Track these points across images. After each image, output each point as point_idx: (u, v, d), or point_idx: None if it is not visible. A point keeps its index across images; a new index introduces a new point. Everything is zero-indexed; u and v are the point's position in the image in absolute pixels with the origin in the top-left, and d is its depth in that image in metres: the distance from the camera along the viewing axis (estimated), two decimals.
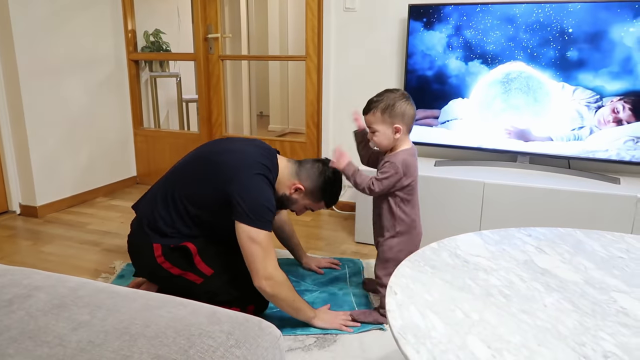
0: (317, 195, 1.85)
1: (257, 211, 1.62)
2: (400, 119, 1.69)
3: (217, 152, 1.79)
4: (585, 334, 0.92)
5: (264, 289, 1.61)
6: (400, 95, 1.70)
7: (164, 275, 1.75)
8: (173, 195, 1.75)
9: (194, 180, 1.74)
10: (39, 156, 2.94)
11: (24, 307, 1.01)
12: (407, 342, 0.89)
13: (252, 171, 1.68)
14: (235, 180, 1.65)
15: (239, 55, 4.36)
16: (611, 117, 2.27)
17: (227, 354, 0.89)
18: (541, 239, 1.40)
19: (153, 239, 1.73)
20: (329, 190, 1.86)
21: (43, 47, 2.90)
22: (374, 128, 1.72)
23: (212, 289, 1.73)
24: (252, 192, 1.64)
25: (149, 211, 1.78)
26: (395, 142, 1.74)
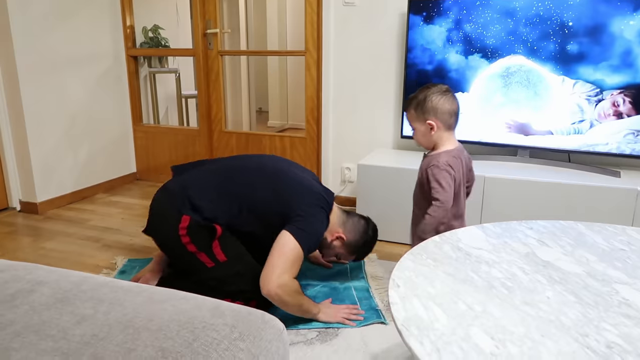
0: (353, 249, 1.94)
1: (309, 235, 1.70)
2: (432, 114, 1.63)
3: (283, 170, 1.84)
4: (588, 325, 0.93)
5: (273, 296, 1.62)
6: (437, 89, 1.64)
7: (178, 248, 1.73)
8: (233, 195, 1.76)
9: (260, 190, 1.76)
10: (38, 152, 2.94)
11: (27, 301, 1.01)
12: (410, 334, 0.90)
13: (318, 202, 1.77)
14: (303, 202, 1.73)
15: (238, 50, 4.34)
16: (611, 111, 2.27)
17: (231, 347, 0.90)
18: (543, 232, 1.40)
19: (186, 211, 1.72)
20: (365, 248, 1.97)
21: (42, 43, 2.89)
22: (412, 126, 1.69)
23: (221, 276, 1.73)
24: (313, 219, 1.73)
25: (200, 188, 1.77)
26: (434, 140, 1.68)
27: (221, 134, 3.41)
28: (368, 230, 1.94)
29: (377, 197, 2.51)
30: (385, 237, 2.53)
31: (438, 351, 0.84)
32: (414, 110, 1.66)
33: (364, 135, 2.98)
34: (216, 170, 1.85)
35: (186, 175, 1.87)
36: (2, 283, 1.09)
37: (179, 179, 1.86)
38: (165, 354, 0.85)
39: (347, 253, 1.95)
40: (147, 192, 3.39)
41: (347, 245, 1.92)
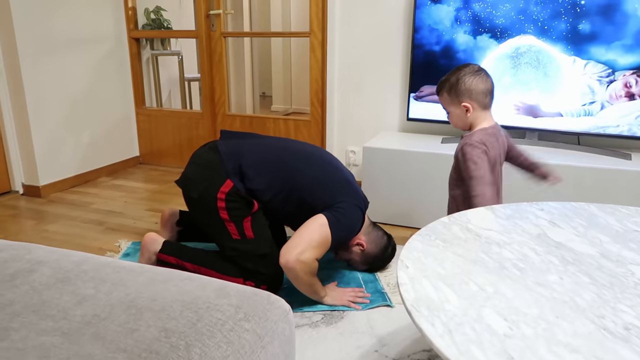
0: (368, 260, 1.93)
1: (344, 226, 1.71)
2: (467, 96, 1.60)
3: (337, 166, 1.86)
4: (604, 306, 0.90)
5: (290, 268, 1.60)
6: (469, 70, 1.60)
7: (209, 209, 1.70)
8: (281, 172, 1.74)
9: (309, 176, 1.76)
10: (41, 136, 2.91)
11: (27, 281, 0.99)
12: (420, 314, 0.87)
13: (360, 205, 1.79)
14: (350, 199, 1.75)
15: (241, 32, 4.28)
16: (623, 92, 2.22)
17: (236, 327, 0.87)
18: (554, 213, 1.37)
19: (232, 177, 1.69)
20: (379, 263, 1.97)
21: (42, 25, 2.84)
22: (447, 109, 1.66)
23: (243, 250, 1.71)
24: (352, 216, 1.74)
25: (255, 161, 1.74)
26: (470, 121, 1.64)
27: (225, 117, 3.37)
28: (388, 247, 1.95)
29: (383, 180, 2.48)
30: (391, 220, 2.51)
31: (450, 332, 0.82)
32: (447, 93, 1.63)
33: (369, 117, 2.93)
34: (269, 147, 1.82)
35: (238, 143, 1.81)
36: (2, 262, 1.06)
37: (230, 143, 1.80)
38: (169, 334, 0.82)
39: (361, 262, 1.94)
40: (150, 176, 3.37)
41: (364, 255, 1.91)
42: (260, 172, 1.72)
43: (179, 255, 1.79)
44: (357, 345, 1.53)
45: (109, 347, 0.79)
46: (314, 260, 1.64)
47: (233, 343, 0.84)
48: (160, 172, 3.46)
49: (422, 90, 2.57)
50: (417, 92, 2.58)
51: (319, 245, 1.64)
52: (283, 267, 1.61)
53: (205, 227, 1.82)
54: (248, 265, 1.70)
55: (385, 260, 1.98)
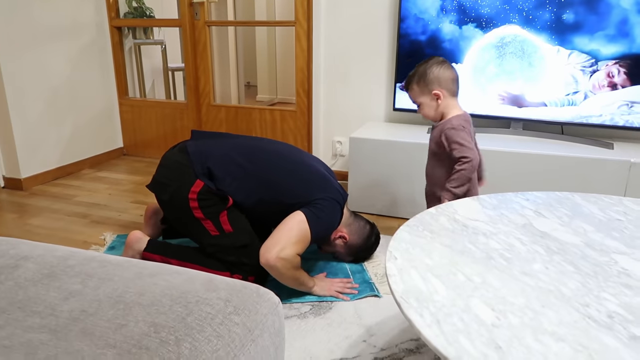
0: (353, 251, 1.94)
1: (322, 222, 1.71)
2: (436, 84, 1.65)
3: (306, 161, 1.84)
4: (588, 295, 0.91)
5: (271, 266, 1.60)
6: (433, 61, 1.67)
7: (183, 211, 1.69)
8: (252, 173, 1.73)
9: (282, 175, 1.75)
10: (21, 127, 2.85)
11: (12, 277, 0.98)
12: (410, 305, 0.88)
13: (337, 199, 1.77)
14: (326, 194, 1.74)
15: (225, 21, 4.22)
16: (606, 82, 2.25)
17: (226, 321, 0.87)
18: (539, 203, 1.39)
19: (202, 177, 1.68)
20: (364, 253, 1.98)
21: (21, 14, 2.77)
22: (417, 102, 1.70)
23: (224, 245, 1.70)
24: (329, 212, 1.74)
25: (222, 161, 1.72)
26: (442, 110, 1.69)
27: (210, 107, 3.33)
28: (371, 236, 1.95)
29: (369, 171, 2.48)
30: (378, 210, 2.52)
31: (438, 323, 0.83)
32: (416, 85, 1.68)
33: (356, 108, 2.93)
34: (239, 147, 1.80)
35: (207, 143, 1.80)
36: None
37: (200, 144, 1.78)
38: (158, 329, 0.82)
39: (345, 253, 1.94)
40: (134, 168, 3.33)
41: (348, 246, 1.91)
42: (230, 174, 1.71)
43: (163, 252, 1.78)
44: (346, 336, 1.55)
45: (97, 343, 0.79)
46: (296, 256, 1.64)
47: (223, 337, 0.84)
48: (145, 164, 3.42)
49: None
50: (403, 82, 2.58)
51: (299, 242, 1.64)
52: (264, 266, 1.61)
53: (182, 228, 1.81)
54: (231, 259, 1.70)
55: (370, 249, 1.99)
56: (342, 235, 1.88)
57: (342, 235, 1.88)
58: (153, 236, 1.98)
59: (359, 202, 2.55)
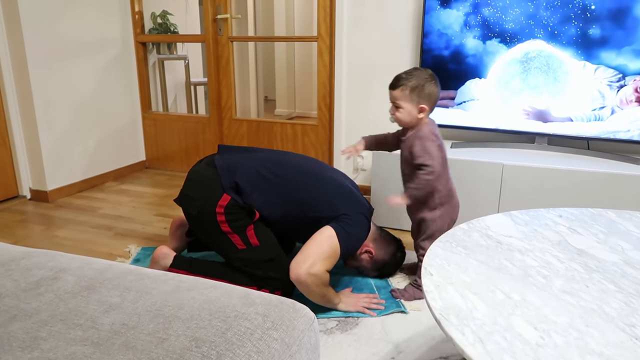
0: (378, 266, 1.93)
1: (351, 237, 1.70)
2: (427, 99, 1.72)
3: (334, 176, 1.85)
4: (633, 314, 0.89)
5: (301, 282, 1.60)
6: (430, 76, 1.73)
7: (210, 225, 1.70)
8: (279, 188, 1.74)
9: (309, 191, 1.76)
10: (48, 140, 2.91)
11: (52, 289, 0.99)
12: (450, 323, 0.87)
13: (365, 213, 1.79)
14: (353, 208, 1.75)
15: (248, 36, 4.28)
16: (634, 97, 2.22)
17: (265, 336, 0.87)
18: (572, 220, 1.37)
19: (229, 191, 1.69)
20: (389, 269, 1.97)
21: (50, 30, 2.84)
22: (399, 104, 1.74)
23: (251, 259, 1.70)
24: (358, 226, 1.74)
25: (249, 176, 1.73)
26: (417, 121, 1.77)
27: (231, 121, 3.37)
28: (397, 252, 1.94)
29: (392, 185, 2.47)
30: (400, 225, 2.50)
31: (481, 341, 0.81)
32: (409, 92, 1.71)
33: (377, 122, 2.93)
34: (265, 161, 1.81)
35: (234, 157, 1.81)
36: (25, 270, 1.06)
37: (227, 158, 1.80)
38: (199, 344, 0.82)
39: (371, 268, 1.93)
40: (156, 181, 3.37)
41: (373, 262, 1.91)
42: (257, 188, 1.72)
43: (189, 268, 1.78)
44: (373, 352, 1.53)
45: (140, 357, 0.79)
46: (325, 272, 1.63)
47: (263, 352, 0.84)
48: (167, 177, 3.46)
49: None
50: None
51: (329, 257, 1.64)
52: (294, 282, 1.61)
53: (209, 242, 1.82)
54: (259, 273, 1.70)
55: (396, 265, 1.98)
56: (368, 250, 1.87)
57: (369, 250, 1.87)
58: (178, 249, 2.00)
59: (382, 216, 2.54)
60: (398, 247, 1.95)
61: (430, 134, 1.75)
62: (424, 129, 1.76)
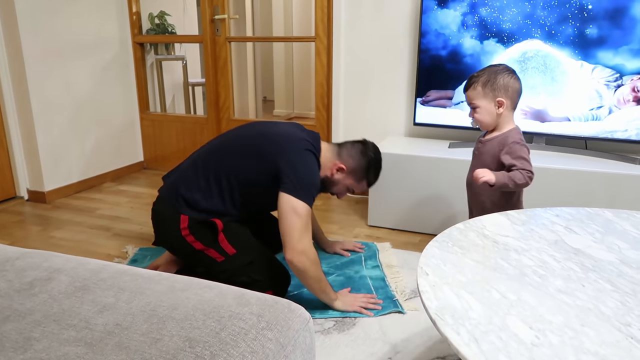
0: (360, 174, 1.85)
1: (304, 184, 1.63)
2: (503, 92, 1.59)
3: (262, 130, 1.78)
4: (629, 314, 0.89)
5: (295, 263, 1.58)
6: (503, 68, 1.61)
7: (186, 249, 1.72)
8: (217, 173, 1.72)
9: (242, 157, 1.72)
10: (45, 141, 2.90)
11: (45, 290, 0.98)
12: (445, 323, 0.86)
13: (302, 146, 1.69)
14: (286, 152, 1.66)
15: (246, 37, 4.28)
16: (631, 96, 2.22)
17: (259, 337, 0.86)
18: (569, 219, 1.36)
19: (182, 210, 1.70)
20: (372, 168, 1.86)
21: (48, 30, 2.84)
22: (475, 104, 1.62)
23: (232, 268, 1.70)
24: (301, 166, 1.66)
25: (187, 182, 1.74)
26: (498, 119, 1.63)
27: (230, 122, 3.36)
28: (367, 151, 1.84)
29: (390, 185, 2.47)
30: (398, 225, 2.50)
31: (476, 341, 0.81)
32: (481, 87, 1.60)
33: (376, 122, 2.93)
34: (197, 156, 1.80)
35: (172, 176, 1.83)
36: (19, 271, 1.06)
37: (168, 182, 1.82)
38: (193, 344, 0.82)
39: (355, 181, 1.86)
40: (154, 181, 3.36)
41: (351, 173, 1.83)
42: (198, 188, 1.71)
43: None
44: (371, 352, 1.53)
45: (133, 357, 0.78)
46: (311, 246, 1.62)
47: (257, 353, 0.84)
48: None
49: (429, 95, 2.57)
50: (424, 97, 2.58)
51: (305, 224, 1.60)
52: (291, 265, 1.59)
53: (194, 266, 1.83)
54: (243, 279, 1.68)
55: (375, 162, 1.87)
56: (339, 168, 1.81)
57: (339, 167, 1.81)
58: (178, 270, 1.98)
59: (380, 216, 2.54)
60: (363, 144, 1.86)
61: (522, 140, 1.59)
62: (515, 134, 1.61)
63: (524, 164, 1.58)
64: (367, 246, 2.27)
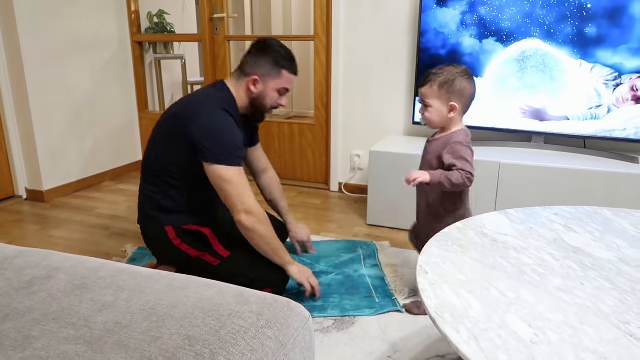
0: (274, 70, 1.71)
1: (223, 148, 1.58)
2: (458, 96, 1.57)
3: (172, 111, 1.72)
4: (628, 312, 0.89)
5: (243, 222, 1.59)
6: (463, 71, 1.58)
7: (183, 258, 1.72)
8: (154, 168, 1.71)
9: (164, 145, 1.69)
10: (44, 140, 2.90)
11: (44, 288, 0.98)
12: (445, 321, 0.86)
13: (208, 108, 1.62)
14: (193, 121, 1.59)
15: (245, 35, 4.28)
16: (630, 95, 2.22)
17: (259, 335, 0.86)
18: (568, 218, 1.36)
19: (163, 221, 1.71)
20: (279, 56, 1.72)
21: (46, 29, 2.84)
22: (428, 102, 1.59)
23: (228, 270, 1.69)
24: (214, 129, 1.59)
25: (145, 192, 1.76)
26: (448, 122, 1.61)
27: None
28: (264, 47, 1.71)
29: (389, 184, 2.47)
30: (397, 224, 2.50)
31: (476, 339, 0.81)
32: (438, 87, 1.56)
33: (375, 121, 2.93)
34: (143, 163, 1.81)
35: None
36: (18, 269, 1.05)
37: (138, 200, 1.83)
38: (192, 342, 0.82)
39: (277, 79, 1.72)
40: None
41: (267, 76, 1.70)
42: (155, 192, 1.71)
43: None
44: (370, 351, 1.53)
45: (133, 355, 0.78)
46: (257, 205, 1.61)
47: (257, 351, 0.84)
48: None
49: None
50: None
51: (241, 187, 1.58)
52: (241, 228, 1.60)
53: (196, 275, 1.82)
54: (240, 280, 1.66)
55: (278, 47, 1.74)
56: (253, 81, 1.70)
57: (252, 80, 1.70)
58: None
59: (379, 215, 2.54)
60: (256, 46, 1.74)
61: (465, 141, 1.58)
62: (460, 135, 1.59)
63: (465, 164, 1.54)
64: (367, 245, 2.27)
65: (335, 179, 3.11)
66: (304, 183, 3.23)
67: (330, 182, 3.12)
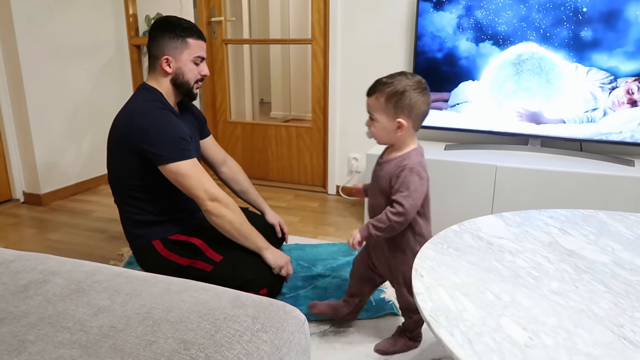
0: (177, 42, 1.66)
1: (169, 145, 1.57)
2: (407, 112, 1.35)
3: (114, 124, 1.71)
4: (622, 315, 0.90)
5: (210, 210, 1.58)
6: (416, 82, 1.35)
7: (177, 269, 1.70)
8: (118, 185, 1.72)
9: (113, 158, 1.70)
10: (42, 144, 2.90)
11: (40, 292, 0.98)
12: (439, 324, 0.87)
13: (140, 110, 1.61)
14: (132, 128, 1.59)
15: (243, 39, 4.28)
16: (625, 99, 2.23)
17: (254, 339, 0.87)
18: (564, 221, 1.37)
19: (149, 236, 1.71)
20: (176, 28, 1.67)
21: (44, 32, 2.84)
22: (374, 116, 1.38)
23: (223, 274, 1.69)
24: (154, 130, 1.57)
25: (124, 217, 1.76)
26: (396, 139, 1.40)
27: (226, 124, 3.36)
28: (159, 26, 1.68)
29: None
30: None
31: (470, 342, 0.82)
32: (385, 100, 1.35)
33: None
34: None
35: None
36: (14, 273, 1.06)
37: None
38: (187, 346, 0.82)
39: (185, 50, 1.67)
40: None
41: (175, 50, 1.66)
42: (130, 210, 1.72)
43: None
44: (366, 355, 1.53)
45: (128, 359, 0.79)
46: (220, 191, 1.61)
47: (252, 355, 0.84)
48: None
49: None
50: None
51: (198, 177, 1.58)
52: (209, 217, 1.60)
53: None
54: (236, 283, 1.65)
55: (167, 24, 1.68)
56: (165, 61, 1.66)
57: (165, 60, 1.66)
58: None
59: None
60: (150, 32, 1.70)
61: (420, 166, 1.37)
62: (413, 159, 1.38)
63: (406, 198, 1.33)
64: None
65: (332, 182, 3.11)
66: (301, 186, 3.23)
67: (328, 185, 3.13)
